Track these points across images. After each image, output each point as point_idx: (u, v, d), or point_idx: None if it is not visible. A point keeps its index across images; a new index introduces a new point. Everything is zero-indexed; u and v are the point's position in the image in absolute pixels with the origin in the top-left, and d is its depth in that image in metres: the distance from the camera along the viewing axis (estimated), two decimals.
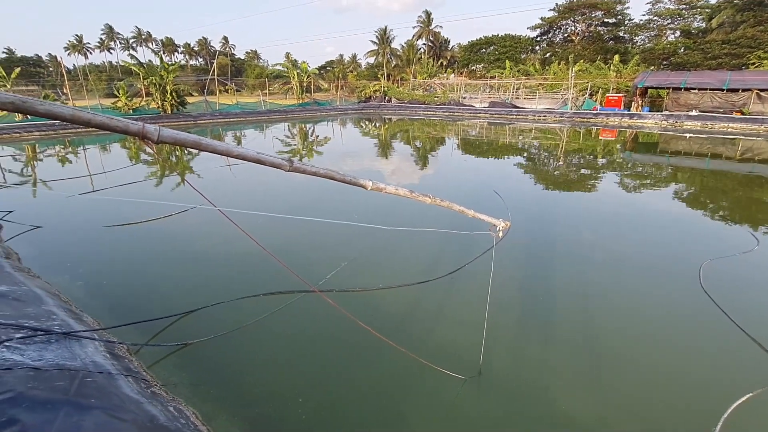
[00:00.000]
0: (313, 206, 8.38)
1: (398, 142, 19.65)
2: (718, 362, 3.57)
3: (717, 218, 8.10)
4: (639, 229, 7.19)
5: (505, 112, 31.48)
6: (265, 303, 4.42)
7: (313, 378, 3.34)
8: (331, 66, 66.14)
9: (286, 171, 1.79)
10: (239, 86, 51.30)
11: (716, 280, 4.89)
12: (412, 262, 5.55)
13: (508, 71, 39.79)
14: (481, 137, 21.42)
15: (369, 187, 2.11)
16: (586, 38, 45.60)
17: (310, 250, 5.94)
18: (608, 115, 26.94)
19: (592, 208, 8.75)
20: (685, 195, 10.09)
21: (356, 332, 3.87)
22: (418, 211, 7.52)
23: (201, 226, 6.92)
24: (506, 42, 49.16)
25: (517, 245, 5.96)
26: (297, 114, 32.32)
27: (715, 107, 24.58)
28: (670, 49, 36.93)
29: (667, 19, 43.01)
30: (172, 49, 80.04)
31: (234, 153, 1.63)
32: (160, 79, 24.68)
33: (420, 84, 42.16)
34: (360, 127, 26.58)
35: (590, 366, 3.49)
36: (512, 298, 4.56)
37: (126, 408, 2.26)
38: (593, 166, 13.62)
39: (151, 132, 1.33)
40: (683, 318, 4.25)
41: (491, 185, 9.95)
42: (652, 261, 5.68)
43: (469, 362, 3.44)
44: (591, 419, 2.92)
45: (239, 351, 3.64)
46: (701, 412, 2.95)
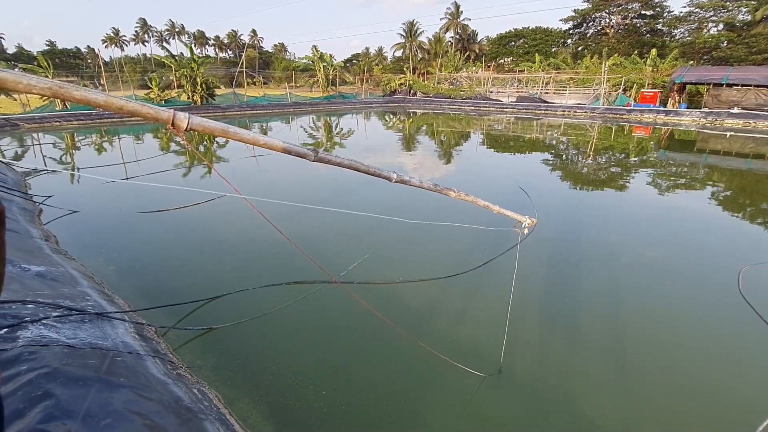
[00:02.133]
0: (337, 197, 8.43)
1: (422, 136, 19.49)
2: (755, 373, 3.39)
3: (757, 222, 7.67)
4: (672, 232, 6.89)
5: (533, 107, 30.72)
6: (288, 292, 4.48)
7: (332, 368, 3.37)
8: (357, 59, 66.13)
9: (311, 161, 1.79)
10: (266, 79, 52.03)
11: (756, 287, 4.64)
12: (435, 257, 5.51)
13: (538, 65, 38.75)
14: (508, 132, 20.99)
15: (393, 180, 2.08)
16: (621, 31, 43.80)
17: (332, 241, 5.99)
18: (642, 111, 25.88)
19: (623, 207, 8.44)
20: (723, 197, 9.60)
21: (376, 325, 3.88)
22: (442, 205, 7.44)
23: (228, 215, 7.08)
24: (536, 35, 47.85)
25: (542, 243, 5.83)
26: (322, 107, 32.54)
27: (760, 105, 23.21)
28: (712, 42, 35.04)
29: (710, 11, 40.70)
30: (203, 42, 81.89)
31: (261, 142, 1.63)
32: (191, 71, 25.29)
33: (446, 78, 41.62)
34: (384, 120, 26.52)
35: (616, 371, 3.38)
36: (536, 297, 4.46)
37: (153, 388, 2.34)
38: (625, 164, 13.13)
39: (181, 119, 1.35)
40: (719, 325, 4.05)
41: (517, 181, 9.75)
42: (686, 264, 5.44)
43: (490, 360, 3.39)
44: (614, 425, 2.83)
45: (261, 338, 3.71)
46: (734, 425, 2.81)
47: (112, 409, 1.89)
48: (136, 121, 22.01)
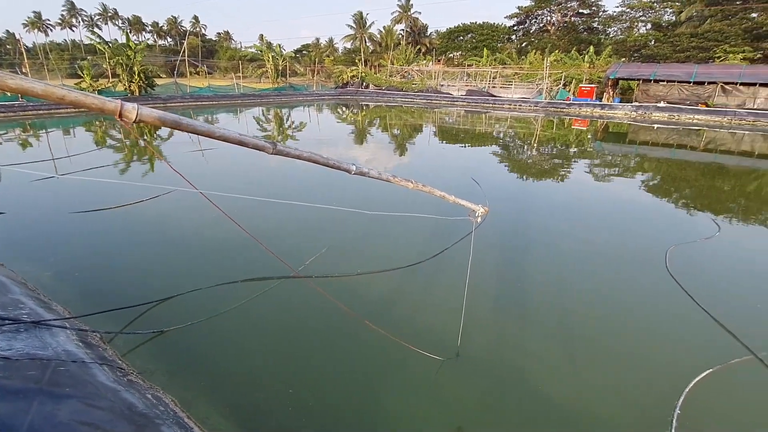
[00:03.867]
0: (293, 190, 8.28)
1: (376, 128, 19.54)
2: (683, 341, 3.79)
3: (681, 206, 8.49)
4: (608, 217, 7.47)
5: (482, 100, 31.72)
6: (244, 289, 4.37)
7: (294, 362, 3.35)
8: (307, 50, 64.61)
9: (269, 153, 1.76)
10: (211, 68, 49.50)
11: (681, 265, 5.16)
12: (393, 247, 5.59)
13: (485, 60, 39.96)
14: (459, 125, 21.55)
15: (353, 172, 2.10)
16: (561, 28, 46.21)
17: (289, 235, 5.89)
18: (581, 105, 27.57)
19: (565, 195, 9.01)
20: (652, 184, 10.51)
21: (336, 317, 3.90)
22: (400, 196, 7.54)
23: (176, 212, 6.73)
24: (484, 30, 49.23)
25: (494, 231, 6.09)
26: (272, 99, 31.58)
27: (682, 99, 25.53)
28: (641, 41, 37.93)
29: (639, 11, 44.01)
30: (140, 28, 76.23)
31: (216, 134, 1.58)
32: (127, 59, 23.52)
33: (398, 71, 41.85)
34: (337, 113, 26.25)
35: (564, 347, 3.63)
36: (489, 283, 4.68)
37: (102, 396, 2.21)
38: (566, 155, 13.97)
39: (129, 110, 1.27)
40: (651, 300, 4.47)
41: (469, 172, 10.08)
42: (621, 247, 5.92)
43: (448, 344, 3.52)
44: (564, 399, 3.05)
45: (218, 338, 3.60)
46: (666, 387, 3.13)
47: (58, 422, 1.77)
48: (66, 113, 20.19)
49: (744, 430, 2.83)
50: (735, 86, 24.06)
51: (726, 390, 3.14)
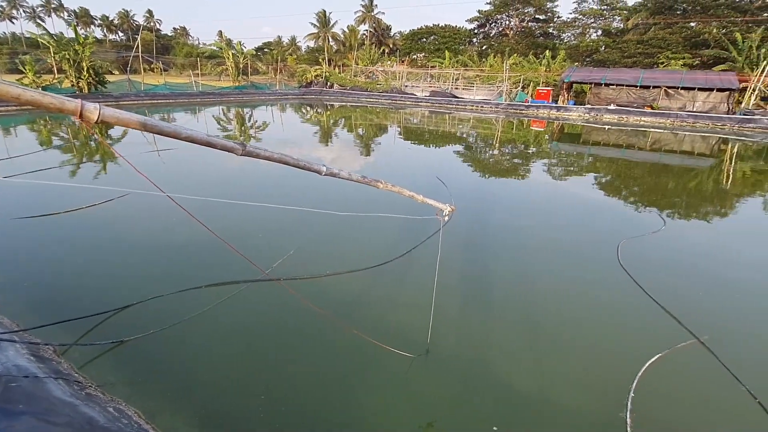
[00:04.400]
0: (261, 192, 8.10)
1: (342, 129, 19.47)
2: (635, 328, 4.06)
3: (631, 202, 9.06)
4: (565, 213, 7.85)
5: (445, 101, 32.31)
6: (209, 294, 4.24)
7: (264, 367, 3.30)
8: (269, 48, 63.28)
9: (238, 155, 1.73)
10: (167, 65, 47.41)
11: (631, 257, 5.51)
12: (363, 247, 5.61)
13: (448, 62, 40.76)
14: (424, 126, 21.86)
15: (323, 173, 2.10)
16: (519, 33, 47.91)
17: (256, 238, 5.76)
18: (538, 107, 28.70)
19: (525, 193, 9.38)
20: (604, 181, 11.13)
21: (307, 318, 3.87)
22: (369, 197, 7.57)
23: (134, 215, 6.41)
24: (446, 33, 50.18)
25: (460, 229, 6.24)
26: (233, 97, 30.68)
27: (630, 102, 27.17)
28: (593, 46, 40.02)
29: (591, 18, 46.45)
30: (88, 22, 71.78)
31: (182, 135, 1.54)
32: (74, 54, 22.07)
33: (362, 71, 41.85)
34: (301, 113, 25.91)
35: (527, 339, 3.79)
36: (457, 279, 4.80)
37: (59, 411, 2.09)
38: (525, 155, 14.52)
39: (91, 110, 1.21)
40: (606, 292, 4.75)
41: (435, 172, 10.26)
42: (578, 242, 6.25)
43: (418, 341, 3.58)
44: (529, 387, 3.19)
45: (183, 345, 3.48)
46: (621, 372, 3.35)
47: None
48: (6, 111, 18.70)
49: (690, 408, 3.08)
50: (677, 90, 25.89)
51: (673, 372, 3.39)
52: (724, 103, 24.80)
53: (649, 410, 2.96)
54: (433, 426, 2.82)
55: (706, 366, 3.47)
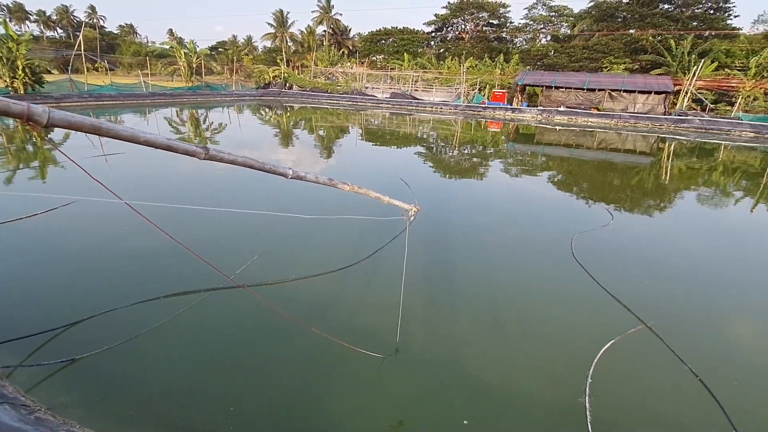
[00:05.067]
0: (221, 197, 7.83)
1: (303, 131, 19.21)
2: (589, 317, 4.30)
3: (581, 198, 9.58)
4: (523, 210, 8.19)
5: (405, 103, 32.69)
6: (169, 305, 4.05)
7: (232, 377, 3.21)
8: (224, 47, 61.30)
9: (201, 159, 1.68)
10: (113, 64, 44.77)
11: (584, 250, 5.83)
12: (329, 250, 5.57)
13: (407, 64, 41.28)
14: (385, 127, 22.00)
15: (289, 176, 2.08)
16: (475, 37, 49.35)
17: (218, 244, 5.57)
18: (495, 109, 29.70)
19: (485, 192, 9.68)
20: (557, 179, 11.71)
21: (274, 324, 3.80)
22: (335, 199, 7.53)
23: (79, 225, 6.00)
24: (404, 35, 50.79)
25: (424, 228, 6.35)
26: (187, 98, 29.45)
27: (578, 104, 28.73)
28: (543, 51, 41.93)
29: (541, 24, 48.67)
30: (22, 17, 66.31)
31: (141, 139, 1.48)
32: (8, 52, 20.33)
33: (322, 72, 41.51)
34: (260, 114, 25.30)
35: (492, 333, 3.93)
36: (423, 278, 4.88)
37: None
38: (484, 155, 14.99)
39: (39, 114, 1.13)
40: (562, 284, 5.00)
41: (398, 173, 10.36)
42: (535, 237, 6.53)
43: (387, 341, 3.62)
44: (495, 380, 3.30)
45: (141, 361, 3.31)
46: (578, 360, 3.54)
47: None
48: None
49: (641, 389, 3.31)
50: (619, 93, 27.67)
51: (625, 357, 3.63)
52: (661, 104, 26.80)
53: (606, 394, 3.16)
54: (404, 424, 2.86)
55: (654, 349, 3.75)
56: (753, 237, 7.42)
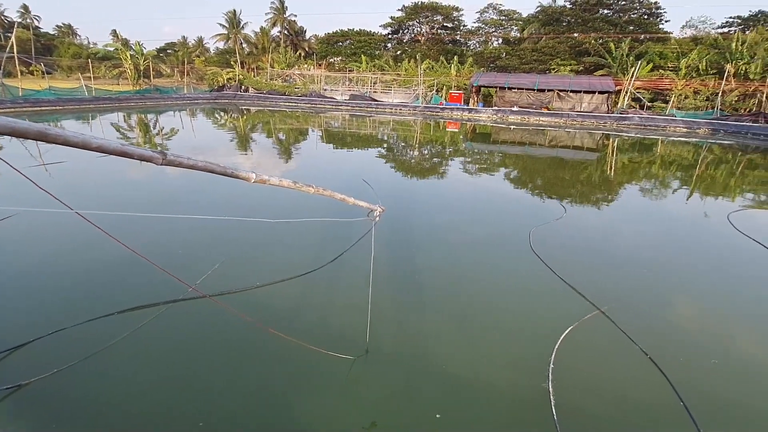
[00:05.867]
0: (178, 204, 7.48)
1: (261, 134, 18.78)
2: (549, 306, 4.52)
3: (537, 194, 10.03)
4: (483, 207, 8.45)
5: (365, 104, 32.75)
6: (126, 320, 3.84)
7: (198, 390, 3.09)
8: (173, 49, 58.69)
9: (158, 164, 1.62)
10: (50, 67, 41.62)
11: (541, 243, 6.11)
12: (295, 254, 5.49)
13: (365, 66, 41.34)
14: (346, 129, 21.95)
15: (252, 180, 2.04)
16: (430, 39, 50.27)
17: (177, 254, 5.33)
18: (452, 109, 30.40)
19: (446, 190, 9.90)
20: (513, 176, 12.18)
21: (241, 332, 3.71)
22: (298, 202, 7.43)
23: (20, 240, 5.55)
24: (361, 37, 50.83)
25: (389, 228, 6.40)
26: (134, 103, 27.93)
27: (530, 104, 29.98)
28: (495, 53, 43.39)
29: (492, 27, 50.36)
30: None
31: (93, 145, 1.40)
32: None
33: (279, 74, 40.72)
34: (215, 118, 24.45)
35: (459, 327, 4.03)
36: (390, 278, 4.92)
37: None
38: (444, 154, 15.32)
39: None
40: (522, 275, 5.22)
41: (360, 174, 10.37)
42: (495, 232, 6.77)
43: (357, 343, 3.62)
44: (464, 372, 3.40)
45: (97, 382, 3.11)
46: (540, 346, 3.71)
47: None
48: None
49: (598, 370, 3.52)
50: (567, 93, 29.15)
51: (583, 341, 3.85)
52: (604, 103, 28.52)
53: (567, 378, 3.33)
54: (377, 425, 2.87)
55: (609, 332, 3.99)
56: (689, 224, 8.08)
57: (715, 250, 6.53)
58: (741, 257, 6.21)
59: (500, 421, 2.96)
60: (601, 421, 2.99)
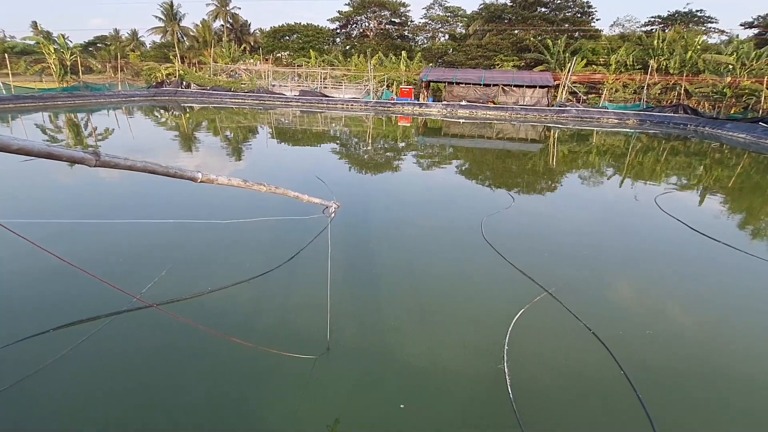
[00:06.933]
0: (121, 208, 6.95)
1: (207, 133, 17.93)
2: (502, 290, 4.73)
3: (486, 185, 10.41)
4: (436, 199, 8.65)
5: (315, 100, 32.24)
6: (61, 338, 3.55)
7: (148, 407, 2.92)
8: (104, 43, 54.37)
9: (91, 166, 1.51)
10: None
11: (492, 231, 6.36)
12: (248, 255, 5.31)
13: (314, 61, 40.65)
14: (296, 125, 21.50)
15: (199, 179, 1.95)
16: (379, 34, 50.34)
17: (119, 261, 4.97)
18: (403, 104, 30.72)
19: (400, 184, 10.02)
20: (464, 168, 12.56)
21: (193, 342, 3.56)
22: (250, 202, 7.18)
23: None
24: (309, 31, 49.86)
25: (345, 224, 6.38)
26: (61, 101, 25.61)
27: (477, 98, 30.96)
28: (443, 49, 44.33)
29: (439, 23, 51.30)
30: None
31: (13, 147, 1.27)
32: None
33: (223, 69, 38.99)
34: (154, 116, 23.03)
35: (418, 317, 4.12)
36: (349, 273, 4.92)
37: None
38: (396, 149, 15.46)
39: None
40: (475, 263, 5.41)
41: (313, 171, 10.23)
42: (449, 223, 6.96)
43: (318, 341, 3.59)
44: (424, 361, 3.48)
45: (31, 407, 2.86)
46: (495, 330, 3.88)
47: None
48: None
49: (549, 348, 3.74)
50: (510, 87, 30.40)
51: (534, 321, 4.07)
52: (545, 97, 30.07)
53: (520, 357, 3.51)
54: (340, 421, 2.88)
55: (557, 312, 4.25)
56: (623, 208, 8.75)
57: (645, 231, 7.12)
58: (667, 236, 6.83)
59: (461, 404, 3.06)
60: (552, 395, 3.19)
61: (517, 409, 2.94)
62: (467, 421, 2.92)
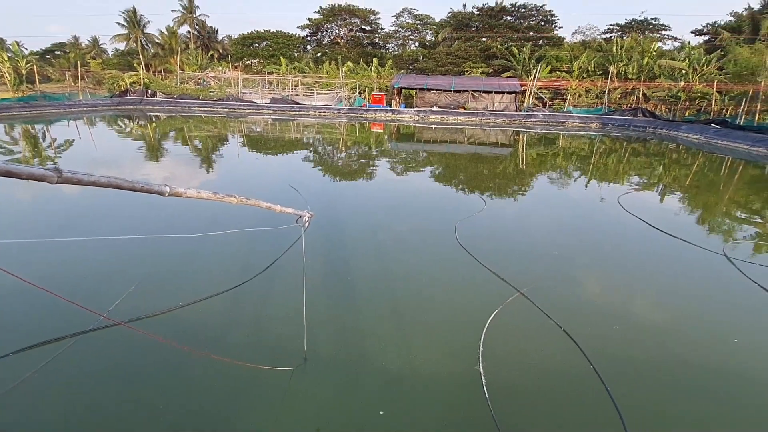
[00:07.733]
0: (86, 224, 6.66)
1: (175, 143, 17.46)
2: (475, 292, 4.83)
3: (459, 189, 10.61)
4: (410, 204, 8.75)
5: (287, 108, 32.00)
6: (21, 362, 3.37)
7: (116, 429, 2.82)
8: (63, 50, 52.17)
9: (53, 183, 1.47)
10: None
11: (465, 235, 6.49)
12: (222, 268, 5.21)
13: (285, 68, 40.37)
14: (268, 134, 21.26)
15: (167, 193, 1.92)
16: (350, 42, 50.59)
17: (83, 280, 4.77)
18: (376, 111, 30.92)
19: (374, 191, 10.07)
20: (437, 173, 12.75)
21: (165, 359, 3.45)
22: (221, 213, 7.03)
23: None
24: (279, 39, 49.53)
25: (320, 233, 6.36)
26: (17, 112, 24.35)
27: (448, 104, 31.55)
28: (413, 56, 44.99)
29: (409, 31, 52.03)
30: None
31: None
32: None
33: (190, 77, 38.15)
34: (118, 126, 22.24)
35: (394, 323, 4.14)
36: (324, 283, 4.90)
37: None
38: (370, 155, 15.54)
39: None
40: (450, 266, 5.50)
41: (287, 180, 10.13)
42: (424, 228, 7.05)
43: (295, 353, 3.56)
44: (402, 366, 3.50)
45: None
46: (470, 331, 3.95)
47: None
48: None
49: (523, 347, 3.84)
50: (480, 93, 31.17)
51: (507, 322, 4.17)
52: (513, 102, 30.99)
53: (495, 357, 3.59)
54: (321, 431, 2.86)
55: (529, 311, 4.38)
56: (589, 209, 9.11)
57: (610, 230, 7.44)
58: (630, 235, 7.15)
59: (439, 408, 3.11)
60: (526, 393, 3.28)
61: (493, 408, 3.01)
62: (446, 424, 2.97)
